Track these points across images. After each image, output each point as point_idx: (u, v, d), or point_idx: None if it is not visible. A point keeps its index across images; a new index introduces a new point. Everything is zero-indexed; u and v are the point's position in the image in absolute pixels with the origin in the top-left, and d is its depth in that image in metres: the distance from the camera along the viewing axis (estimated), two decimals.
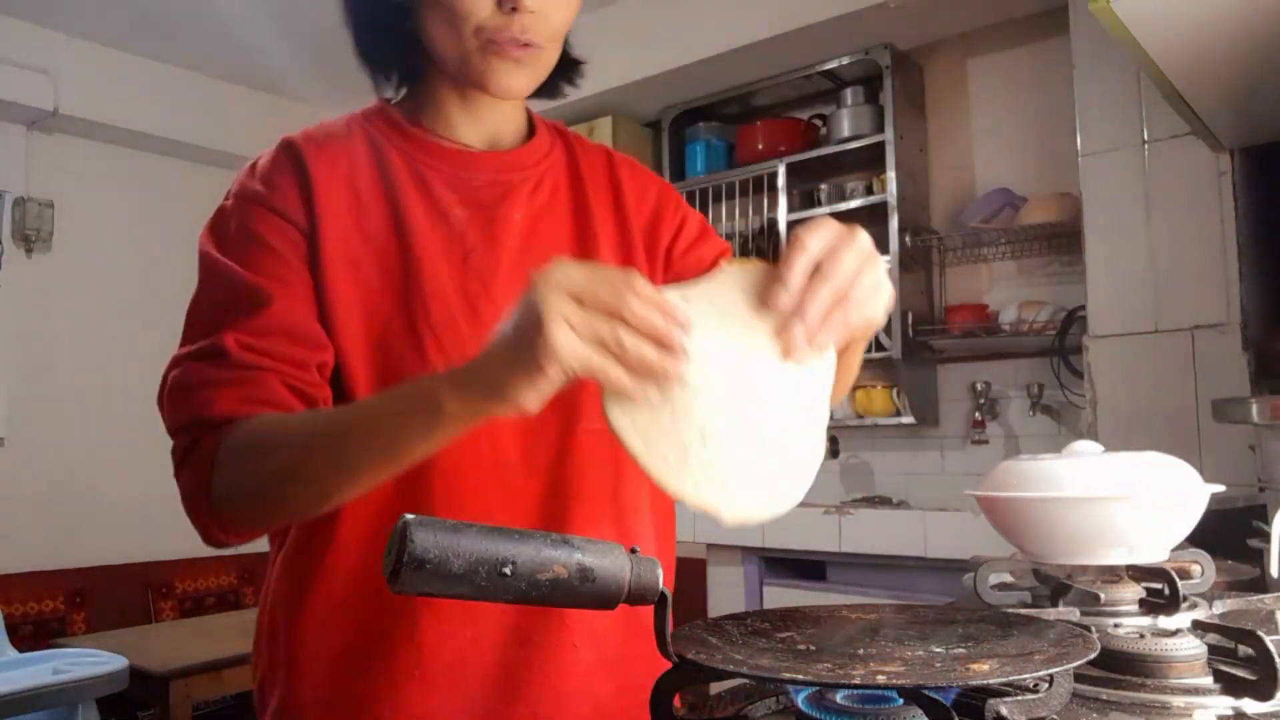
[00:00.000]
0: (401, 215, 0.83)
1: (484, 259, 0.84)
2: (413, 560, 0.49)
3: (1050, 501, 0.79)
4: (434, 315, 0.80)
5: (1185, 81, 1.40)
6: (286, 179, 0.82)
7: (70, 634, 3.36)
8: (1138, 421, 2.11)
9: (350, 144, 0.86)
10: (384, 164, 0.86)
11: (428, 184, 0.86)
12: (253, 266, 0.79)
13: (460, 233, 0.84)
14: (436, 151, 0.88)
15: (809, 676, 0.50)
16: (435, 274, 0.81)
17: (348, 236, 0.82)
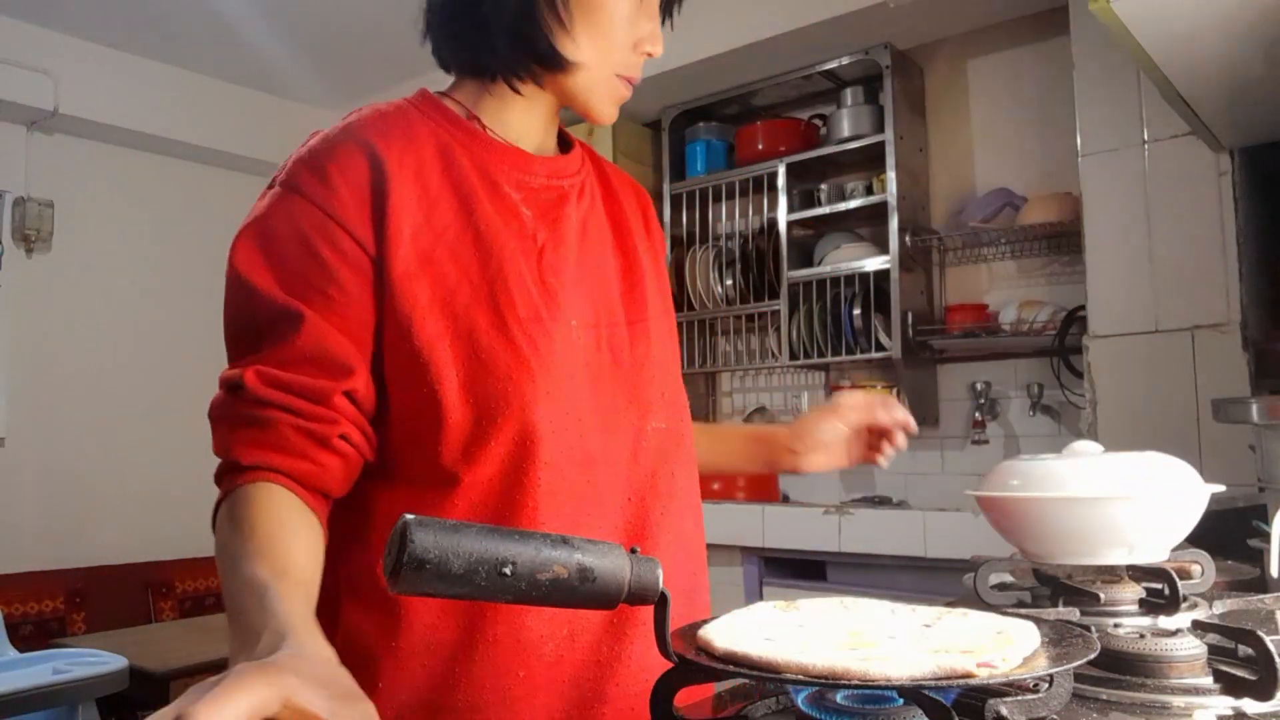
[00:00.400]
0: (474, 210, 0.82)
1: (554, 255, 0.85)
2: (413, 560, 0.49)
3: (1050, 501, 0.79)
4: (521, 310, 0.80)
5: (1185, 81, 1.40)
6: (347, 175, 0.78)
7: (70, 634, 3.36)
8: (1138, 421, 2.11)
9: (415, 132, 0.84)
10: (448, 158, 0.84)
11: (495, 181, 0.85)
12: (290, 280, 0.76)
13: (531, 231, 0.85)
14: (498, 150, 0.87)
15: (809, 676, 0.50)
16: (517, 269, 0.81)
17: (420, 234, 0.79)
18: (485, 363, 0.77)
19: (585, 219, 0.91)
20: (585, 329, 0.85)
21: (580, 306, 0.85)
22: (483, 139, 0.87)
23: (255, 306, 0.76)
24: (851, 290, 3.05)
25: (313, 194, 0.77)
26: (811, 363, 3.18)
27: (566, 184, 0.91)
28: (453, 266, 0.79)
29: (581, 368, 0.83)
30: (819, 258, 3.24)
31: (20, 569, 3.40)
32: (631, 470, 0.85)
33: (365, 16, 3.47)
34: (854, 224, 3.30)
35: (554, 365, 0.80)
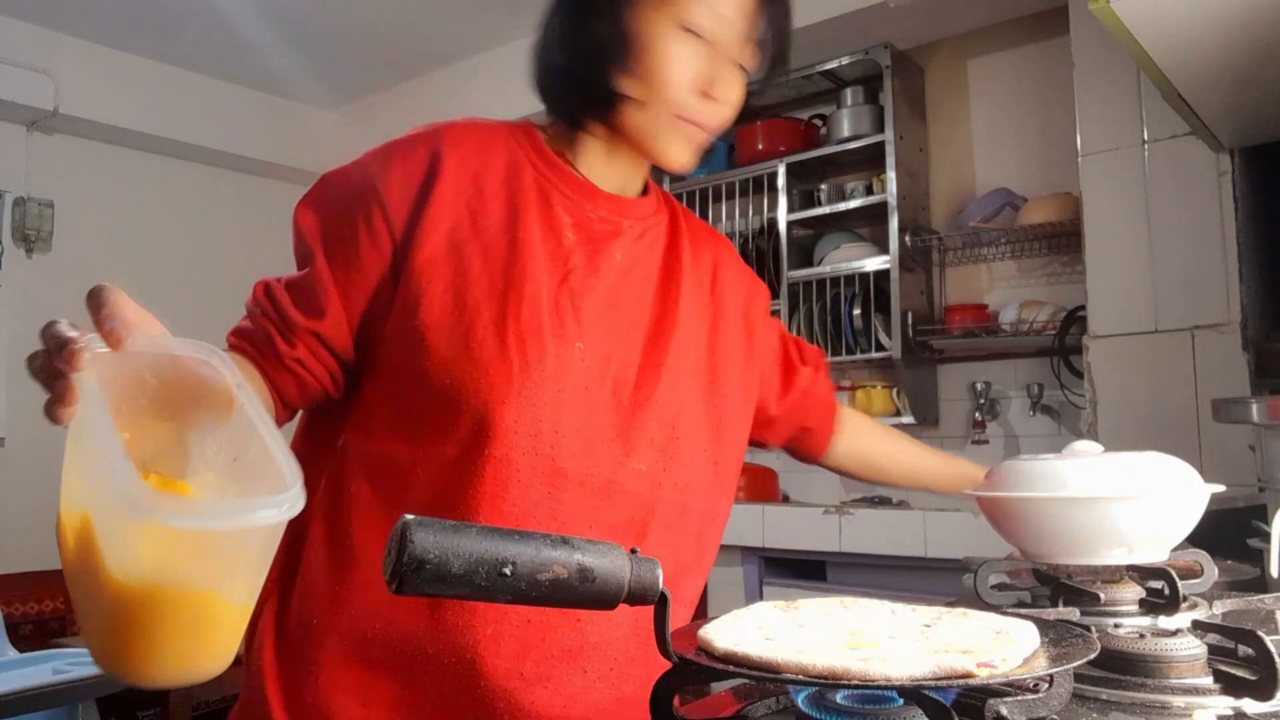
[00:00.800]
0: (519, 220, 0.88)
1: (581, 282, 0.89)
2: (412, 561, 0.49)
3: (1050, 501, 0.79)
4: (524, 318, 0.84)
5: (1185, 81, 1.40)
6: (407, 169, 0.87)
7: (70, 634, 3.36)
8: (1138, 421, 2.11)
9: (491, 145, 0.91)
10: (516, 173, 0.91)
11: (550, 203, 0.91)
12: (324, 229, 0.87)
13: (567, 253, 0.89)
14: (566, 177, 0.93)
15: (809, 676, 0.50)
16: (535, 281, 0.86)
17: (460, 226, 0.86)
18: (472, 352, 0.82)
19: (634, 260, 0.95)
20: (594, 356, 0.87)
21: (595, 335, 0.88)
22: (555, 165, 0.93)
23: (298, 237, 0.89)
24: (851, 290, 3.05)
25: (371, 169, 0.87)
26: None
27: (626, 224, 0.95)
28: (480, 261, 0.85)
29: (578, 389, 0.86)
30: (819, 258, 3.24)
31: (20, 569, 3.40)
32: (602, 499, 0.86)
33: (365, 16, 3.47)
34: (854, 224, 3.30)
35: (538, 375, 0.83)
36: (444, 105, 3.97)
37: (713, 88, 0.88)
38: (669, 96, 0.87)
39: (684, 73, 0.87)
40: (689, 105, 0.88)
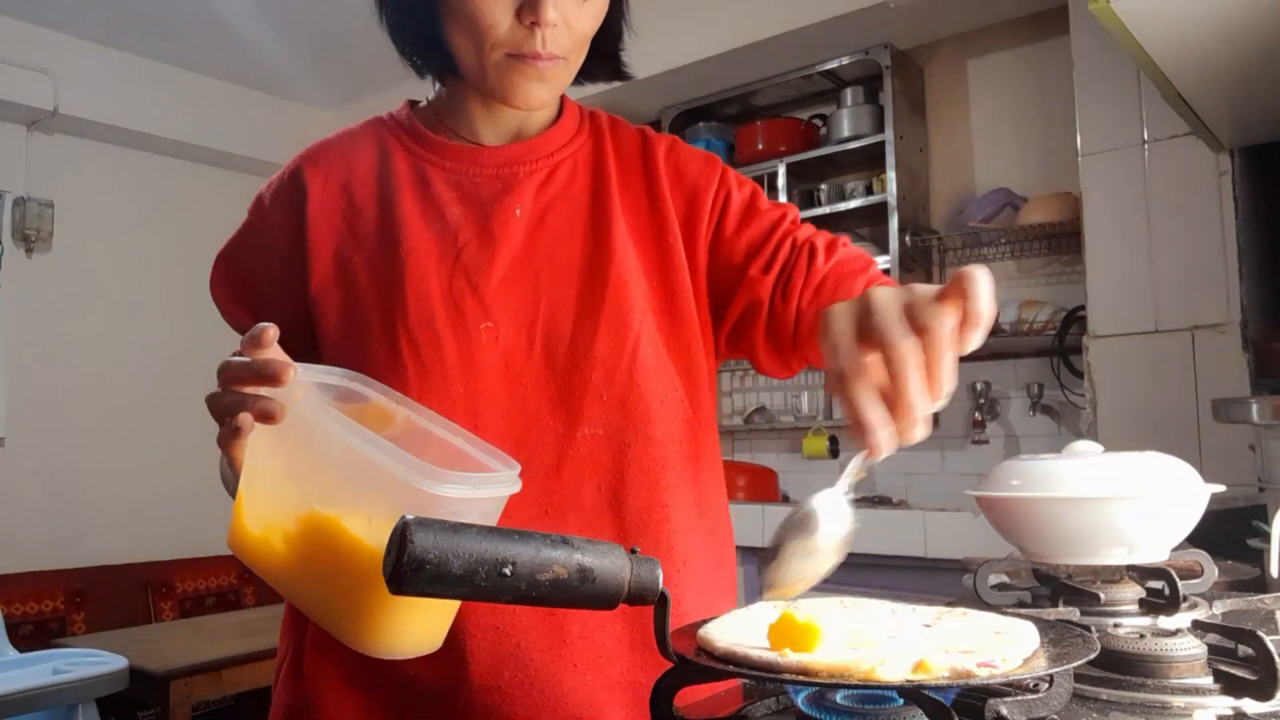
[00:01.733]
0: (394, 217, 0.84)
1: (476, 255, 0.83)
2: (412, 561, 0.49)
3: (1050, 501, 0.79)
4: (411, 315, 0.80)
5: (1185, 81, 1.40)
6: (281, 208, 0.87)
7: (70, 634, 3.36)
8: (1138, 421, 2.11)
9: (354, 152, 0.88)
10: (386, 167, 0.87)
11: (428, 183, 0.86)
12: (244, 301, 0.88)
13: (454, 230, 0.84)
14: (444, 149, 0.88)
15: (809, 677, 0.50)
16: (420, 273, 0.82)
17: (344, 244, 0.84)
18: (368, 368, 0.78)
19: (548, 205, 0.87)
20: (513, 329, 0.81)
21: (508, 306, 0.82)
22: (430, 140, 0.88)
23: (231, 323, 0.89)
24: None
25: (257, 224, 0.88)
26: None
27: (524, 170, 0.87)
28: (365, 275, 0.83)
29: (495, 371, 0.80)
30: None
31: (20, 569, 3.41)
32: (552, 480, 0.80)
33: (365, 16, 3.46)
34: (854, 224, 3.30)
35: (440, 370, 0.79)
36: None
37: (533, 11, 0.77)
38: (492, 35, 0.78)
39: (495, 5, 0.77)
40: (515, 38, 0.78)
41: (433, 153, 0.88)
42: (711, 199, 0.90)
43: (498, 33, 0.79)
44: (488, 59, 0.80)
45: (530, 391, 0.81)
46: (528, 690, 0.78)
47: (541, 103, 0.84)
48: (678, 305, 0.87)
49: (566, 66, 0.83)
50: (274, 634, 3.18)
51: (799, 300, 0.85)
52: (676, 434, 0.85)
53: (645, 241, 0.88)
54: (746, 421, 3.47)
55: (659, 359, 0.85)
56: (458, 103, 0.89)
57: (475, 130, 0.89)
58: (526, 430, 0.80)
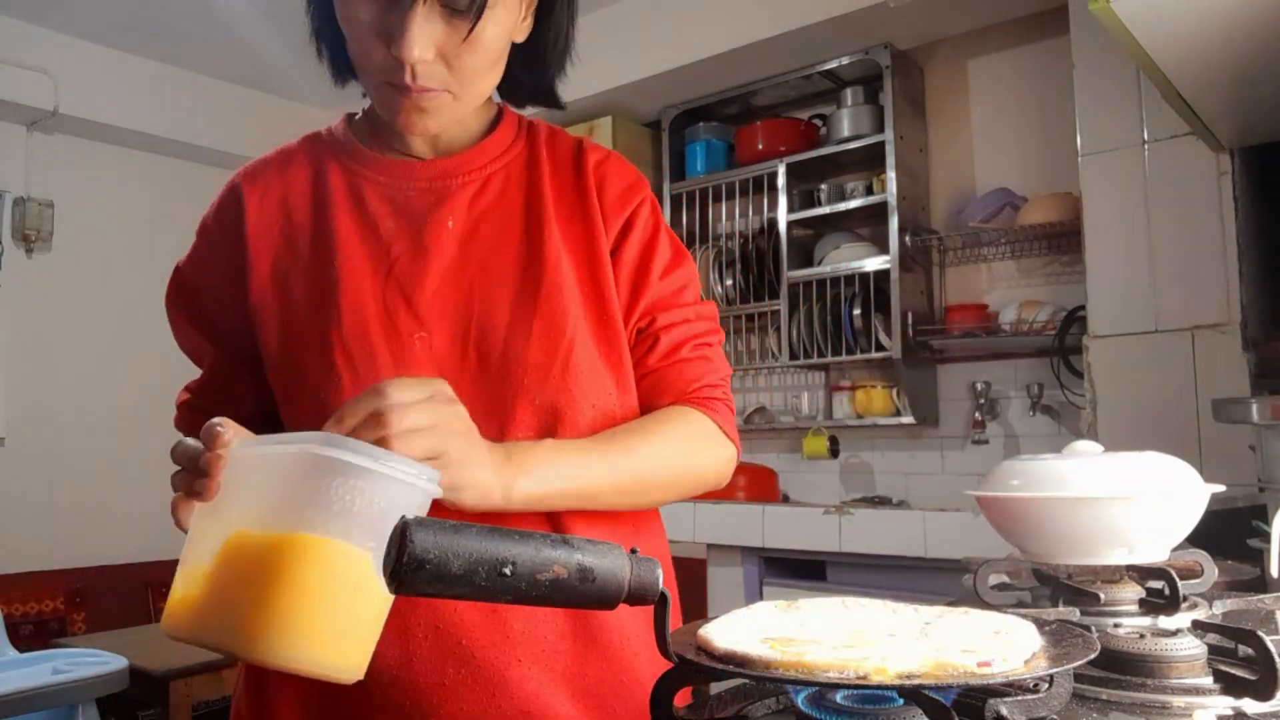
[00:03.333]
0: (329, 233, 0.86)
1: (409, 267, 0.84)
2: (413, 561, 0.49)
3: (1050, 501, 0.79)
4: (346, 328, 0.81)
5: (1185, 81, 1.40)
6: (220, 223, 0.89)
7: (70, 634, 3.36)
8: (1138, 421, 2.11)
9: (290, 168, 0.90)
10: (322, 183, 0.88)
11: (363, 198, 0.87)
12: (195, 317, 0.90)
13: (387, 244, 0.85)
14: (377, 165, 0.89)
15: (809, 676, 0.50)
16: (354, 287, 0.83)
17: (280, 259, 0.86)
18: (302, 381, 0.82)
19: (482, 215, 0.87)
20: (447, 339, 0.82)
21: (440, 316, 0.83)
22: (361, 156, 0.89)
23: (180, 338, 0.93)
24: (851, 290, 3.05)
25: (202, 245, 0.90)
26: (811, 363, 3.18)
27: (457, 182, 0.88)
28: (300, 289, 0.85)
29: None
30: (819, 258, 3.24)
31: (20, 569, 3.41)
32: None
33: None
34: (854, 224, 3.30)
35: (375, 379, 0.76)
36: None
37: (396, 48, 0.75)
38: (368, 63, 0.79)
39: (367, 35, 0.77)
40: (387, 67, 0.78)
41: (366, 168, 0.89)
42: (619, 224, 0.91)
43: (373, 60, 0.79)
44: (369, 83, 0.83)
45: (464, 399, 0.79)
46: (472, 686, 0.78)
47: (425, 131, 0.84)
48: (608, 311, 0.88)
49: (452, 99, 0.82)
50: None
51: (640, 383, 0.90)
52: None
53: (578, 249, 0.89)
54: (746, 421, 3.47)
55: (592, 364, 0.86)
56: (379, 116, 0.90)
57: (406, 143, 0.90)
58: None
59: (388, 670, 0.77)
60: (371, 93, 0.83)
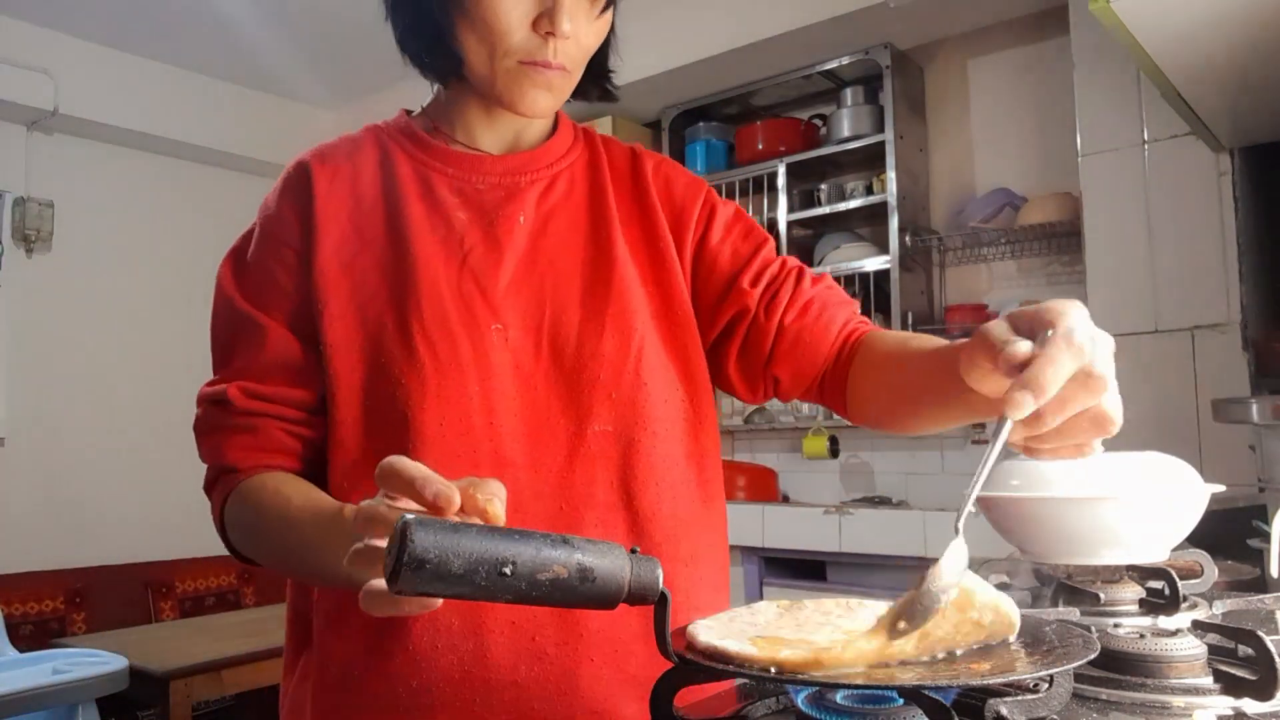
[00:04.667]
0: (401, 219, 0.85)
1: (483, 259, 0.85)
2: (413, 560, 0.49)
3: (1050, 501, 0.79)
4: (426, 314, 0.81)
5: (1185, 81, 1.40)
6: (287, 200, 0.86)
7: (70, 634, 3.36)
8: (1138, 421, 2.11)
9: (358, 154, 0.89)
10: (390, 171, 0.88)
11: (432, 188, 0.87)
12: (254, 298, 0.85)
13: (460, 234, 0.85)
14: (446, 156, 0.89)
15: (809, 676, 0.50)
16: (431, 275, 0.83)
17: (346, 243, 0.84)
18: (383, 366, 0.81)
19: (549, 214, 0.89)
20: (521, 331, 0.83)
21: (515, 309, 0.84)
22: (431, 147, 0.90)
23: (231, 317, 0.86)
24: (852, 290, 3.05)
25: (266, 220, 0.87)
26: None
27: (526, 179, 0.90)
28: (373, 275, 0.84)
29: (507, 371, 0.82)
30: (819, 258, 3.24)
31: (20, 569, 3.41)
32: (565, 476, 0.82)
33: (365, 16, 3.47)
34: (854, 224, 3.30)
35: (456, 369, 0.80)
36: None
37: (550, 22, 0.79)
38: (506, 42, 0.80)
39: (513, 12, 0.80)
40: (528, 46, 0.81)
41: (435, 158, 0.89)
42: (697, 211, 0.94)
43: (512, 39, 0.81)
44: (499, 64, 0.82)
45: (540, 391, 0.83)
46: (544, 684, 0.78)
47: (545, 111, 0.86)
48: (674, 310, 0.90)
49: (570, 79, 0.85)
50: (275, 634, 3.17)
51: (781, 316, 0.88)
52: (679, 432, 0.87)
53: (640, 250, 0.91)
54: (746, 421, 3.47)
55: (661, 361, 0.87)
56: (457, 109, 0.90)
57: (474, 137, 0.90)
58: (539, 428, 0.82)
59: (459, 665, 0.77)
60: (494, 76, 0.83)
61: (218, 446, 0.82)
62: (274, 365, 0.83)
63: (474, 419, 0.79)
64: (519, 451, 0.81)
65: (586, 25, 0.83)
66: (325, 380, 0.82)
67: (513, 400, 0.81)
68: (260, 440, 0.81)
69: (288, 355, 0.83)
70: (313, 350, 0.83)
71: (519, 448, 0.81)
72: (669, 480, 0.86)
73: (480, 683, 0.77)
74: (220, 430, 0.82)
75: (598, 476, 0.83)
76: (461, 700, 0.77)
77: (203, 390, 0.84)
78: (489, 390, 0.81)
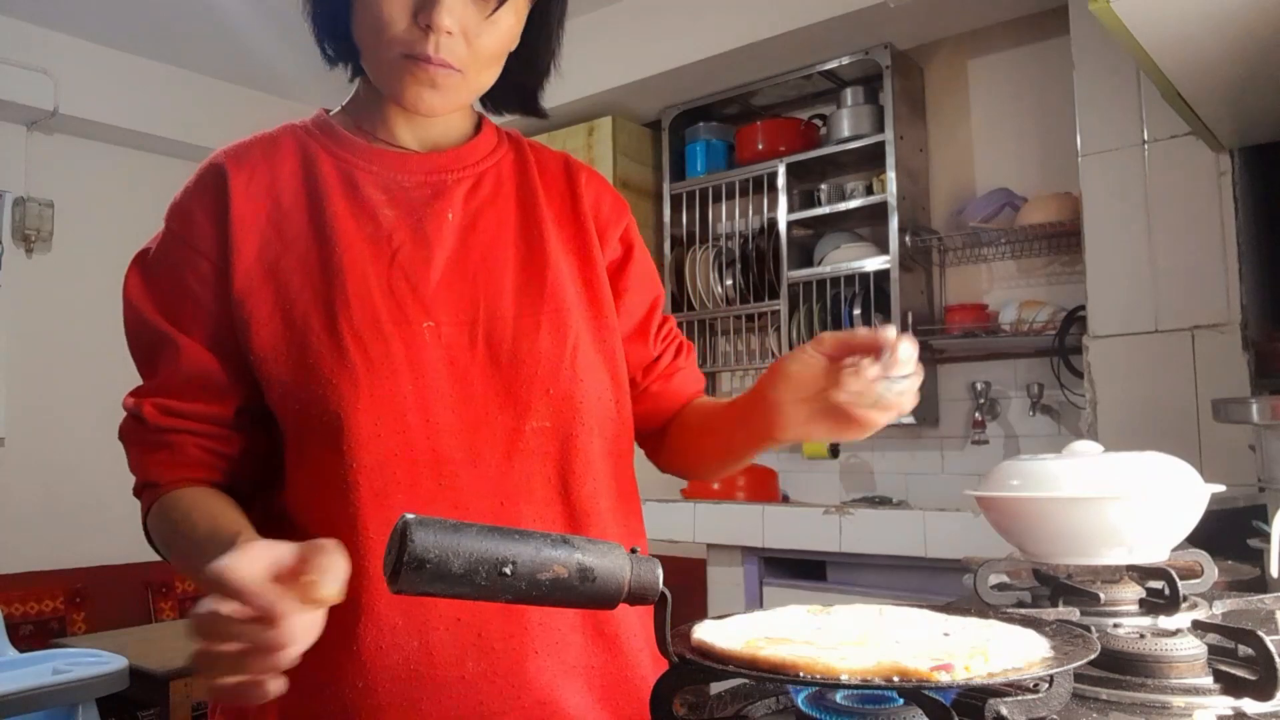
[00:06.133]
0: (325, 217, 0.84)
1: (412, 256, 0.84)
2: (413, 560, 0.49)
3: (1050, 501, 0.79)
4: (355, 313, 0.80)
5: (1185, 81, 1.40)
6: (201, 204, 0.84)
7: (70, 634, 3.36)
8: (1138, 421, 2.11)
9: (276, 153, 0.88)
10: (311, 169, 0.87)
11: (357, 185, 0.86)
12: (167, 311, 0.83)
13: (388, 232, 0.85)
14: (368, 154, 0.89)
15: (809, 676, 0.50)
16: (359, 273, 0.82)
17: (268, 246, 0.83)
18: (311, 367, 0.79)
19: (478, 211, 0.89)
20: (454, 327, 0.83)
21: (446, 306, 0.83)
22: (352, 145, 0.89)
23: (143, 331, 0.84)
24: (851, 290, 3.05)
25: (177, 228, 0.85)
26: None
27: (453, 177, 0.90)
28: (298, 276, 0.82)
29: (441, 368, 0.81)
30: (819, 258, 3.24)
31: (20, 569, 3.41)
32: (504, 472, 0.82)
33: None
34: (854, 224, 3.30)
35: (389, 368, 0.79)
36: None
37: (426, 14, 0.79)
38: (388, 32, 0.80)
39: (395, 3, 0.79)
40: (408, 38, 0.80)
41: (358, 157, 0.88)
42: (618, 237, 0.98)
43: (393, 30, 0.80)
44: (384, 56, 0.82)
45: (477, 388, 0.82)
46: (491, 679, 0.78)
47: (432, 110, 0.85)
48: (602, 313, 0.92)
49: (463, 80, 0.84)
50: None
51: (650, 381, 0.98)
52: (609, 431, 0.89)
53: (571, 252, 0.92)
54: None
55: (593, 360, 0.89)
56: (375, 107, 0.90)
57: (394, 135, 0.90)
58: (477, 425, 0.82)
59: (405, 664, 0.76)
60: (381, 68, 0.83)
61: (139, 461, 0.82)
62: (189, 381, 0.81)
63: (409, 418, 0.79)
64: (456, 448, 0.80)
65: (476, 23, 0.81)
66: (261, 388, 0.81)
67: (448, 398, 0.81)
68: (177, 457, 0.81)
69: (203, 371, 0.82)
70: (230, 363, 0.82)
71: (456, 444, 0.80)
72: (603, 475, 0.87)
73: (428, 680, 0.77)
74: (140, 445, 0.82)
75: (535, 471, 0.83)
76: (410, 699, 0.77)
77: (125, 400, 0.84)
78: (423, 388, 0.80)
